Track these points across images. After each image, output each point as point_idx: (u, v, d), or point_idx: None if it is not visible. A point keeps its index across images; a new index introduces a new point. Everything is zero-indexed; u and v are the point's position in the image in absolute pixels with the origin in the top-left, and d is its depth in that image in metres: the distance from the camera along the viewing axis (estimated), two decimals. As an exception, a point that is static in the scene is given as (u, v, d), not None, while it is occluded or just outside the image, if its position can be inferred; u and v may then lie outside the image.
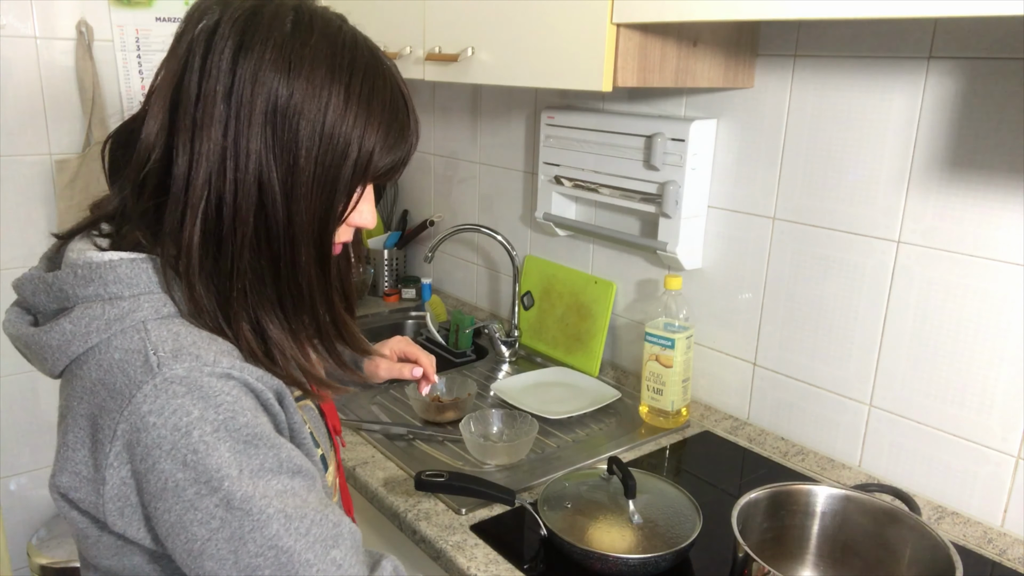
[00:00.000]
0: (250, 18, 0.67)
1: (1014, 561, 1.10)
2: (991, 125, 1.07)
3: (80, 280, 0.68)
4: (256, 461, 0.64)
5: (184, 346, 0.65)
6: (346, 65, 0.68)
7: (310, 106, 0.67)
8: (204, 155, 0.66)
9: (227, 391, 0.64)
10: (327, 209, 0.70)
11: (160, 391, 0.62)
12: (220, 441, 0.62)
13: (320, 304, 0.74)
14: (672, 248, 1.44)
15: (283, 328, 0.72)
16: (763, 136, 1.33)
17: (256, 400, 0.67)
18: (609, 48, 1.11)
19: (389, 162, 0.73)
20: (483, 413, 1.40)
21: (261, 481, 0.63)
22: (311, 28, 0.68)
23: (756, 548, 0.95)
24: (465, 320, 1.87)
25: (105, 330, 0.66)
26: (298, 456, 0.68)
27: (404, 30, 1.51)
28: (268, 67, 0.66)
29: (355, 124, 0.69)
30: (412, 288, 2.17)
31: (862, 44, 1.18)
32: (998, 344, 1.10)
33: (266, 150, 0.66)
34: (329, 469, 0.82)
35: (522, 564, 1.06)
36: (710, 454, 1.39)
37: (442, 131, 2.10)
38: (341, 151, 0.68)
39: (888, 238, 1.20)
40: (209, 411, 0.62)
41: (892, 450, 1.24)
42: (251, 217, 0.67)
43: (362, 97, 0.69)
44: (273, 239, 0.69)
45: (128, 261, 0.68)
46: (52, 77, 1.95)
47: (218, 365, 0.65)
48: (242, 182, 0.66)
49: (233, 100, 0.65)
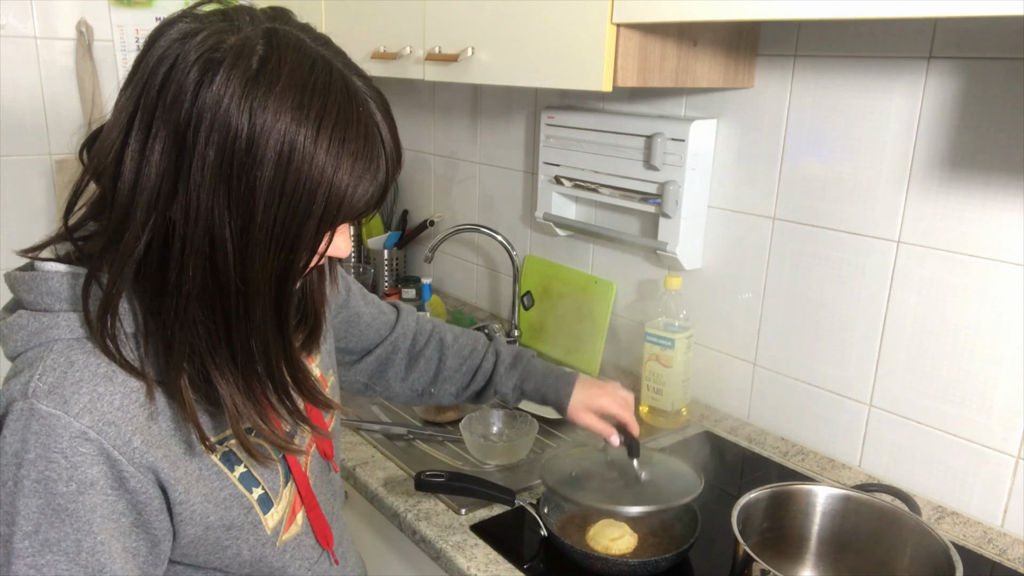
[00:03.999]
0: (213, 56, 0.59)
1: (1014, 561, 1.10)
2: (991, 125, 1.07)
3: (24, 285, 0.67)
4: (54, 534, 0.62)
5: (64, 384, 0.63)
6: (315, 113, 0.60)
7: (271, 158, 0.59)
8: (146, 199, 0.60)
9: (69, 453, 0.61)
10: (286, 267, 0.64)
11: (22, 416, 0.62)
12: (36, 494, 0.61)
13: (275, 359, 0.68)
14: (672, 248, 1.44)
15: (235, 385, 0.67)
16: (763, 136, 1.33)
17: (111, 470, 0.63)
18: (609, 48, 1.11)
19: (362, 207, 0.65)
20: (483, 413, 1.40)
21: (46, 554, 0.62)
22: (279, 71, 0.60)
23: (756, 548, 0.95)
24: (465, 320, 1.87)
25: (26, 342, 0.66)
26: (105, 554, 0.64)
27: (404, 30, 1.51)
28: (226, 113, 0.58)
29: (322, 177, 0.61)
30: (412, 288, 2.17)
31: (862, 44, 1.18)
32: (998, 344, 1.10)
33: (218, 205, 0.60)
34: (275, 507, 0.77)
35: (522, 564, 1.06)
36: (710, 454, 1.39)
37: (442, 131, 2.10)
38: (304, 206, 0.61)
39: (888, 238, 1.20)
40: (41, 462, 0.61)
41: (892, 450, 1.24)
42: (200, 274, 0.62)
43: (331, 148, 0.61)
44: (225, 296, 0.63)
45: (61, 275, 0.66)
46: (52, 77, 1.95)
47: (80, 419, 0.62)
48: (191, 237, 0.60)
49: (186, 147, 0.59)
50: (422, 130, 2.17)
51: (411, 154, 2.25)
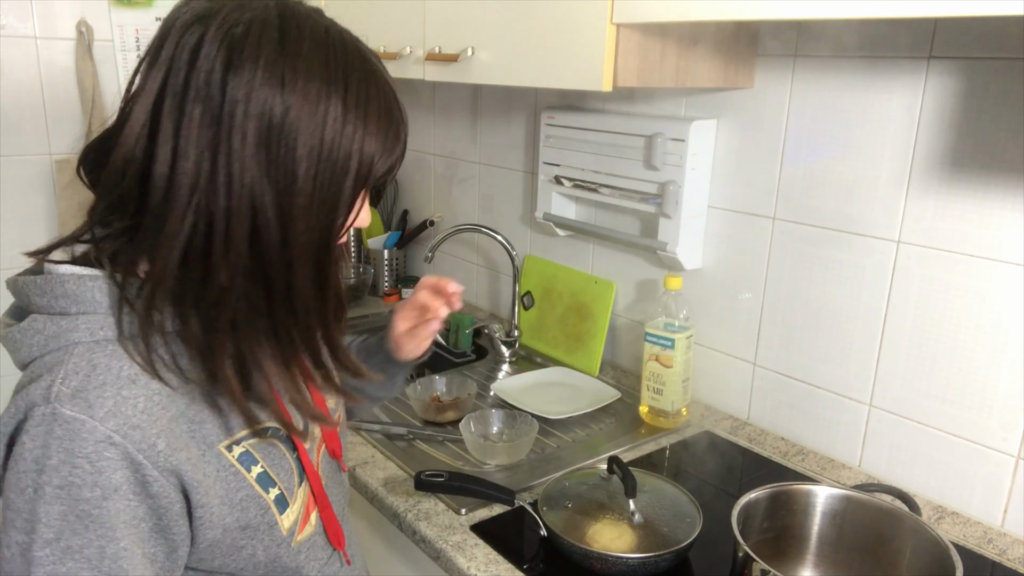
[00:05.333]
0: (236, 32, 0.62)
1: (1014, 561, 1.10)
2: (991, 125, 1.07)
3: (37, 289, 0.67)
4: (76, 540, 0.61)
5: (88, 387, 0.62)
6: (340, 75, 0.65)
7: (307, 122, 0.63)
8: (187, 180, 0.62)
9: (94, 458, 0.61)
10: (328, 226, 0.67)
11: (44, 421, 0.61)
12: (58, 500, 0.60)
13: (316, 326, 0.70)
14: (672, 248, 1.44)
15: (276, 359, 0.68)
16: (763, 136, 1.33)
17: (134, 475, 0.63)
18: (609, 48, 1.11)
19: (388, 165, 0.70)
20: (483, 413, 1.40)
21: (67, 562, 0.61)
22: (300, 38, 0.64)
23: (756, 548, 0.95)
24: (465, 320, 1.87)
25: (42, 346, 0.65)
26: (126, 560, 0.63)
27: (404, 30, 1.51)
28: (260, 85, 0.61)
29: (354, 135, 0.65)
30: (412, 288, 2.17)
31: (862, 44, 1.18)
32: (998, 344, 1.10)
33: (260, 173, 0.62)
34: (291, 507, 0.77)
35: (522, 564, 1.06)
36: (710, 454, 1.39)
37: (442, 131, 2.10)
38: (342, 165, 0.65)
39: (888, 238, 1.20)
40: (64, 467, 0.60)
41: (892, 450, 1.24)
42: (245, 244, 0.63)
43: (359, 107, 0.65)
44: (267, 264, 0.65)
45: (77, 277, 0.66)
46: (52, 77, 1.95)
47: (105, 423, 0.61)
48: (236, 209, 0.62)
49: (223, 122, 0.61)
50: (422, 130, 2.17)
51: (411, 154, 2.25)
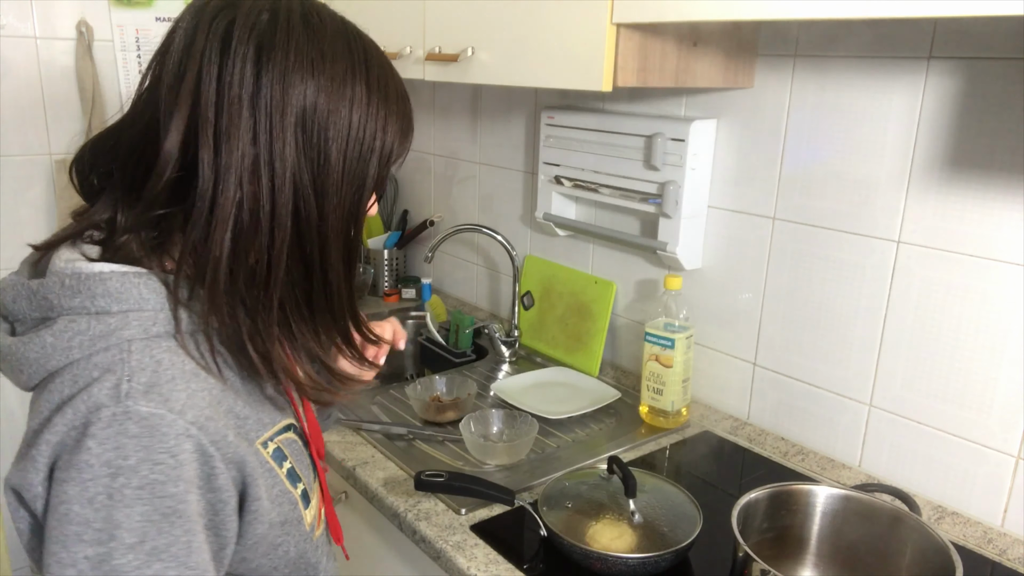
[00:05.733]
0: (263, 21, 0.65)
1: (1014, 561, 1.10)
2: (991, 125, 1.07)
3: (67, 290, 0.63)
4: (163, 540, 0.59)
5: (160, 382, 0.61)
6: (362, 59, 0.69)
7: (337, 104, 0.67)
8: (233, 164, 0.64)
9: (176, 451, 0.60)
10: (357, 204, 0.70)
11: (115, 421, 0.59)
12: (139, 501, 0.58)
13: (345, 300, 0.73)
14: (672, 248, 1.44)
15: (312, 330, 0.72)
16: (763, 136, 1.34)
17: (202, 468, 0.62)
18: (609, 48, 1.11)
19: (403, 151, 0.73)
20: (483, 413, 1.40)
21: (154, 564, 0.58)
22: (323, 25, 0.68)
23: (756, 548, 0.95)
24: (465, 320, 1.87)
25: (89, 347, 0.62)
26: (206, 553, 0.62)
27: (404, 30, 1.51)
28: (293, 69, 0.65)
29: (378, 116, 0.69)
30: (412, 288, 2.17)
31: (862, 44, 1.18)
32: (998, 344, 1.10)
33: (298, 153, 0.65)
34: (312, 502, 0.79)
35: (522, 564, 1.06)
36: (710, 454, 1.39)
37: (442, 131, 2.10)
38: (368, 145, 0.69)
39: (888, 238, 1.20)
40: (144, 466, 0.58)
41: (892, 450, 1.24)
42: (288, 221, 0.66)
43: (380, 89, 0.69)
44: (306, 241, 0.68)
45: (120, 275, 0.64)
46: (52, 77, 1.95)
47: (183, 416, 0.61)
48: (280, 188, 0.65)
49: (261, 106, 0.64)
50: (422, 130, 2.17)
51: (411, 154, 2.25)
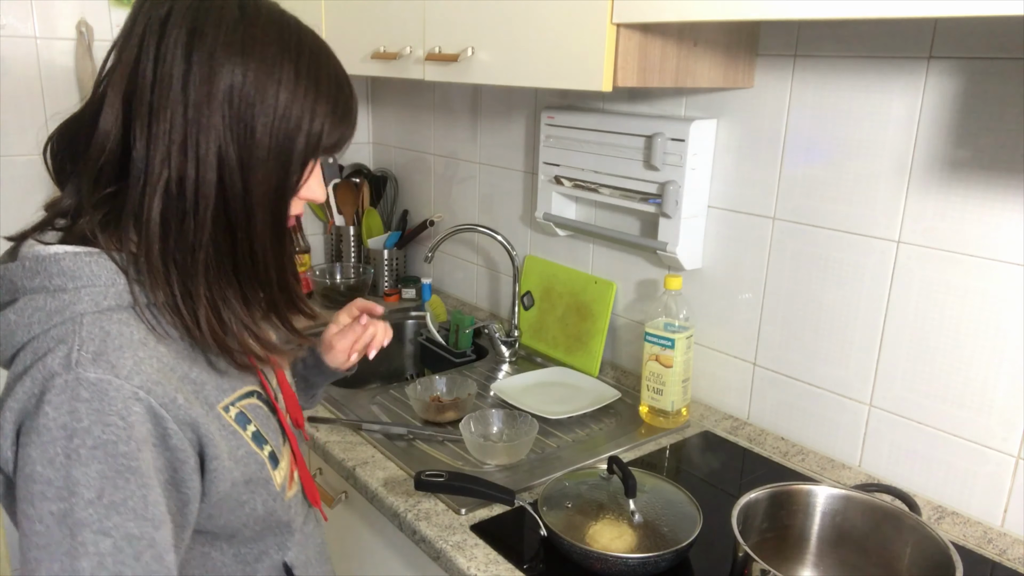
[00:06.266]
0: (200, 5, 0.70)
1: (1014, 561, 1.10)
2: (991, 125, 1.07)
3: (27, 272, 0.69)
4: (119, 495, 0.64)
5: (107, 351, 0.66)
6: (294, 44, 0.73)
7: (264, 84, 0.70)
8: (162, 137, 0.68)
9: (125, 413, 0.65)
10: (282, 180, 0.74)
11: (67, 388, 0.64)
12: (95, 460, 0.63)
13: (272, 270, 0.77)
14: (672, 248, 1.44)
15: (239, 296, 0.76)
16: (763, 136, 1.34)
17: (155, 428, 0.67)
18: (609, 48, 1.11)
19: (337, 136, 0.77)
20: (483, 413, 1.40)
21: (113, 516, 0.63)
22: (258, 12, 0.72)
23: (756, 548, 0.95)
24: (465, 320, 1.87)
25: (47, 322, 0.68)
26: (162, 506, 0.67)
27: (404, 30, 1.51)
28: (222, 49, 0.69)
29: (305, 98, 0.72)
30: (412, 288, 2.17)
31: (862, 44, 1.18)
32: (998, 344, 1.10)
33: (224, 128, 0.69)
34: (280, 464, 0.83)
35: (522, 564, 1.06)
36: (710, 454, 1.39)
37: (442, 131, 2.10)
38: (295, 125, 0.72)
39: (888, 238, 1.20)
40: (97, 426, 0.63)
41: (892, 450, 1.24)
42: (212, 191, 0.70)
43: (310, 74, 0.73)
44: (231, 211, 0.72)
45: (72, 254, 0.70)
46: (52, 77, 1.95)
47: (130, 380, 0.65)
48: (203, 159, 0.69)
49: (191, 83, 0.68)
50: (422, 130, 2.17)
51: (411, 154, 2.25)
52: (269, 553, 0.85)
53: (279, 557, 0.86)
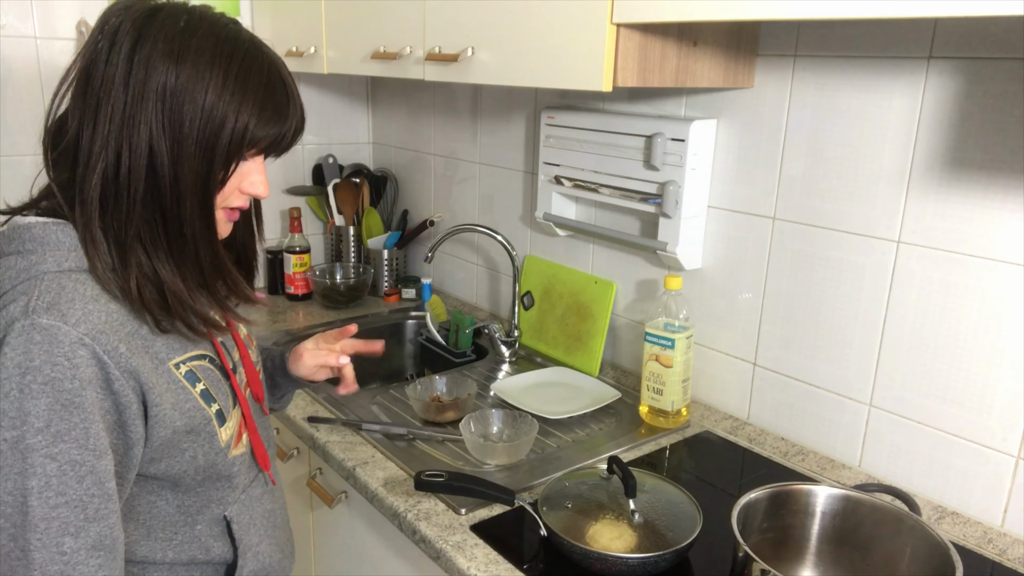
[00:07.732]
0: (148, 17, 0.80)
1: (1014, 561, 1.10)
2: (991, 125, 1.07)
3: (6, 239, 0.82)
4: (64, 425, 0.73)
5: (59, 302, 0.76)
6: (226, 53, 0.82)
7: (194, 86, 0.80)
8: (103, 127, 0.79)
9: (71, 355, 0.74)
10: (207, 172, 0.83)
11: (24, 331, 0.74)
12: (44, 394, 0.73)
13: (203, 250, 0.86)
14: (672, 248, 1.44)
15: (172, 271, 0.84)
16: (763, 136, 1.34)
17: (100, 372, 0.76)
18: (609, 48, 1.11)
19: (267, 135, 0.84)
20: (483, 413, 1.40)
21: (59, 444, 0.73)
22: (200, 24, 0.82)
23: (756, 548, 0.95)
24: (465, 320, 1.87)
25: (16, 278, 0.79)
26: (104, 440, 0.76)
27: (404, 30, 1.51)
28: (160, 55, 0.79)
29: (231, 101, 0.81)
30: (412, 288, 2.17)
31: (862, 44, 1.18)
32: (998, 344, 1.10)
33: (156, 123, 0.79)
34: (228, 424, 0.92)
35: (522, 564, 1.07)
36: (710, 454, 1.39)
37: (442, 131, 2.10)
38: (218, 123, 0.81)
39: (888, 238, 1.20)
40: (46, 366, 0.73)
41: (892, 450, 1.24)
42: (142, 176, 0.80)
43: (238, 79, 0.81)
44: (162, 195, 0.81)
45: (42, 224, 0.82)
46: (52, 77, 1.95)
47: (76, 328, 0.75)
48: (135, 148, 0.79)
49: (130, 83, 0.79)
50: (422, 130, 2.17)
51: (411, 154, 2.25)
52: (211, 507, 0.93)
53: (219, 511, 0.94)
